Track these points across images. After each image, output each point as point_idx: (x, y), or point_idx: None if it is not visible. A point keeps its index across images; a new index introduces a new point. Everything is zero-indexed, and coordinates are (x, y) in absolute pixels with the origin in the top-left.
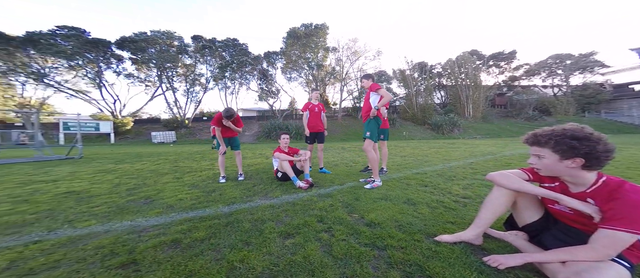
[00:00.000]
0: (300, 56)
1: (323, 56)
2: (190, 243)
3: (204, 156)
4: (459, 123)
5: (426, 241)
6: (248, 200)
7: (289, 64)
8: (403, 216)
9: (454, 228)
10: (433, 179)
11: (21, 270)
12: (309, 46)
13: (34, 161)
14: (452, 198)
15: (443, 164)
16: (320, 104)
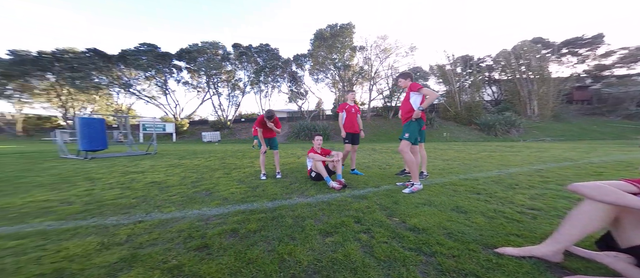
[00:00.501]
0: (327, 57)
1: (350, 56)
2: (245, 234)
3: (244, 154)
4: (517, 123)
5: (484, 252)
6: (287, 197)
7: (315, 66)
8: (452, 224)
9: (520, 241)
10: (488, 186)
11: (134, 244)
12: (334, 46)
13: (127, 156)
14: (516, 208)
15: (499, 171)
16: (356, 106)
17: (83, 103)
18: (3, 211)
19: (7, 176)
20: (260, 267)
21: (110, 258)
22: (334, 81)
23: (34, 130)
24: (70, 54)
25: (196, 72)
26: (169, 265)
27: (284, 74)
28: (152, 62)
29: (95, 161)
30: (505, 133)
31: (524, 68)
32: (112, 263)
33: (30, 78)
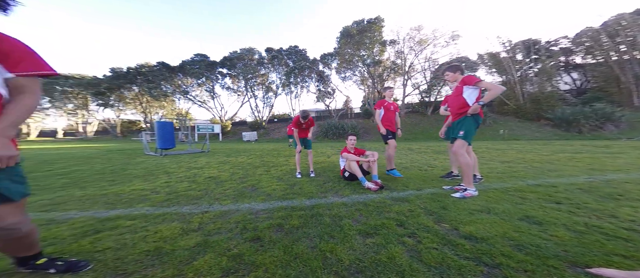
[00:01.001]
0: (354, 54)
1: (380, 51)
2: (289, 229)
3: (279, 152)
4: (616, 116)
5: (570, 270)
6: (323, 196)
7: (342, 64)
8: (522, 236)
9: (628, 263)
10: (573, 195)
11: (204, 231)
12: (362, 43)
13: (187, 153)
14: (621, 224)
15: (589, 176)
16: (395, 104)
17: (156, 109)
18: (119, 196)
19: (115, 168)
20: (305, 262)
21: (190, 242)
22: (363, 78)
23: (126, 131)
24: (146, 68)
25: (236, 77)
26: (232, 253)
27: (312, 74)
28: (203, 71)
29: (168, 158)
30: (595, 129)
31: (625, 47)
32: (191, 246)
33: (123, 90)
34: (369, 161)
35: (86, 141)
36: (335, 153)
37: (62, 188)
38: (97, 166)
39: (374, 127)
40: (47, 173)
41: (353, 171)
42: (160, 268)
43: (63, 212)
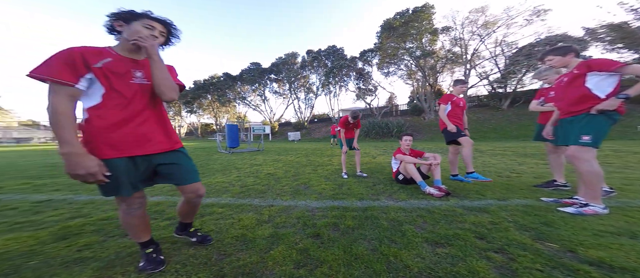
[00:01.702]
0: (398, 47)
1: (430, 41)
2: (345, 230)
3: (322, 152)
4: None
5: None
6: (375, 199)
7: (385, 59)
8: None
9: None
10: None
11: (273, 223)
12: (408, 34)
13: (247, 152)
14: None
15: None
16: (464, 100)
17: (223, 113)
18: (209, 187)
19: (202, 163)
20: (368, 264)
21: (265, 232)
22: (410, 72)
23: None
24: (215, 79)
25: (281, 81)
26: (299, 247)
27: (351, 72)
28: (255, 77)
29: (234, 155)
30: None
31: None
32: (266, 237)
33: (201, 98)
34: (429, 164)
35: None
36: (381, 154)
37: None
38: None
39: (424, 125)
40: None
41: (410, 175)
42: (248, 253)
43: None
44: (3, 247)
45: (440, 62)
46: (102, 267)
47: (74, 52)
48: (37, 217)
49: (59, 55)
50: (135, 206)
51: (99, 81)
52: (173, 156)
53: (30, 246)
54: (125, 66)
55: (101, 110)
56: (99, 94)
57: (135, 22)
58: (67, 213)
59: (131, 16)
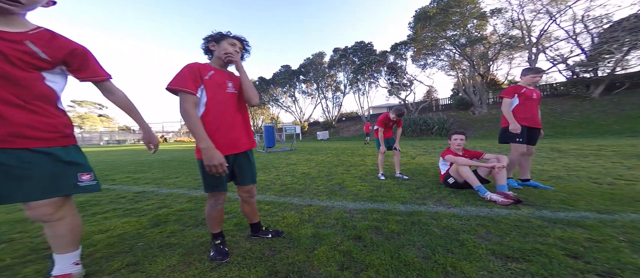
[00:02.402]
0: (437, 36)
1: (478, 26)
2: (389, 234)
3: (353, 152)
4: None
5: None
6: (421, 203)
7: (421, 51)
8: None
9: None
10: None
11: (314, 223)
12: (448, 21)
13: (281, 151)
14: None
15: None
16: (538, 91)
17: (259, 115)
18: (262, 183)
19: None
20: (420, 272)
21: (307, 231)
22: (453, 63)
23: None
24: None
25: (309, 81)
26: (342, 248)
27: (381, 67)
28: (286, 79)
29: (271, 155)
30: None
31: None
32: (309, 236)
33: None
34: (491, 166)
35: None
36: (421, 154)
37: None
38: None
39: (474, 121)
40: None
41: (464, 178)
42: (294, 251)
43: (232, 192)
44: (121, 229)
45: (493, 48)
46: (184, 253)
47: (194, 67)
48: (138, 205)
49: (186, 70)
50: (220, 201)
51: (206, 91)
52: (248, 156)
53: (137, 229)
54: (222, 78)
55: (208, 117)
56: (204, 102)
57: (223, 41)
58: (156, 203)
59: (220, 37)
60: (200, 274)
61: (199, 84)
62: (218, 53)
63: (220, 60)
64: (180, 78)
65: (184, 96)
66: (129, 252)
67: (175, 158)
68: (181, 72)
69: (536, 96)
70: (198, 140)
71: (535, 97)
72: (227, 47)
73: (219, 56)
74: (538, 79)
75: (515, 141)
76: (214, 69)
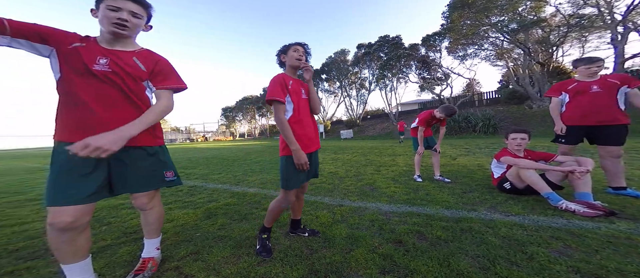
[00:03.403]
0: (479, 23)
1: (534, 7)
2: (435, 240)
3: (380, 151)
4: None
5: None
6: (471, 209)
7: (458, 41)
8: None
9: None
10: None
11: (348, 224)
12: (492, 6)
13: None
14: None
15: None
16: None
17: None
18: None
19: (275, 160)
20: None
21: (342, 232)
22: (500, 51)
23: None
24: None
25: (332, 80)
26: (381, 251)
27: (411, 61)
28: None
29: None
30: None
31: None
32: (344, 237)
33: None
34: (570, 171)
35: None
36: (462, 154)
37: (260, 172)
38: (266, 158)
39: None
40: (251, 161)
41: (527, 183)
42: (331, 251)
43: (268, 190)
44: (182, 219)
45: (558, 31)
46: (234, 246)
47: (281, 78)
48: (192, 199)
49: (277, 82)
50: (291, 199)
51: (291, 98)
52: (317, 155)
53: (194, 221)
54: (298, 86)
55: (292, 120)
56: (290, 108)
57: (288, 50)
58: (206, 197)
59: (286, 47)
60: (249, 267)
61: (286, 93)
62: (289, 62)
63: (292, 69)
64: (274, 91)
65: (278, 105)
66: (190, 241)
67: (216, 155)
68: (273, 84)
69: (600, 87)
70: (289, 143)
71: (596, 89)
72: (293, 55)
73: (290, 65)
74: (595, 69)
75: (559, 142)
76: (292, 78)
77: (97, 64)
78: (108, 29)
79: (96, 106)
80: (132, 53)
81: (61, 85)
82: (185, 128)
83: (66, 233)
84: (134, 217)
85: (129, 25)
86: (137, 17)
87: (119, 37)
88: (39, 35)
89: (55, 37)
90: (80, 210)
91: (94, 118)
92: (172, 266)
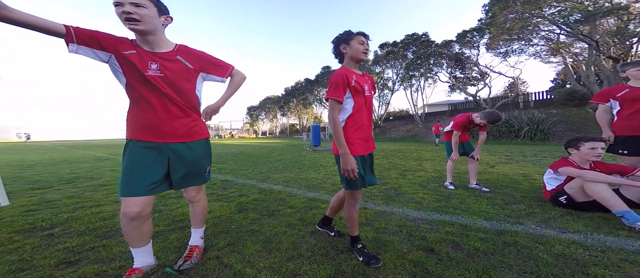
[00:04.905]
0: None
1: None
2: (472, 252)
3: (405, 154)
4: None
5: None
6: (515, 222)
7: (500, 36)
8: None
9: None
10: None
11: (373, 227)
12: None
13: (325, 150)
14: None
15: None
16: None
17: (305, 115)
18: (307, 181)
19: (294, 159)
20: None
21: (368, 235)
22: (556, 47)
23: (291, 132)
24: (299, 85)
25: None
26: (411, 258)
27: (442, 60)
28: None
29: (317, 153)
30: None
31: None
32: (370, 240)
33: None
34: None
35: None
36: (502, 161)
37: (283, 170)
38: (288, 156)
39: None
40: (274, 159)
41: (599, 199)
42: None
43: (291, 188)
44: (218, 211)
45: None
46: (265, 240)
47: (343, 75)
48: (225, 192)
49: (339, 79)
50: (359, 201)
51: (352, 96)
52: (373, 157)
53: (228, 214)
54: (362, 81)
55: (351, 119)
56: (350, 106)
57: (352, 41)
58: (236, 191)
59: (348, 36)
60: (280, 262)
61: (346, 91)
62: (352, 53)
63: (354, 61)
64: (335, 89)
65: (334, 104)
66: (226, 232)
67: (242, 152)
68: (335, 82)
69: None
70: (339, 145)
71: None
72: (359, 47)
73: (352, 56)
74: None
75: (619, 153)
76: (354, 73)
77: (150, 69)
78: (126, 26)
79: (157, 107)
80: (174, 52)
81: (128, 89)
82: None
83: (134, 221)
84: (179, 207)
85: (136, 17)
86: (140, 5)
87: (140, 34)
88: (98, 42)
89: (112, 43)
90: (145, 200)
91: (157, 118)
92: (213, 255)
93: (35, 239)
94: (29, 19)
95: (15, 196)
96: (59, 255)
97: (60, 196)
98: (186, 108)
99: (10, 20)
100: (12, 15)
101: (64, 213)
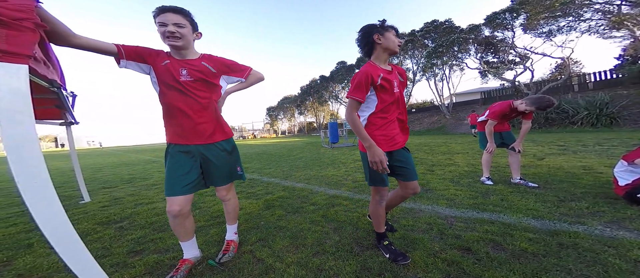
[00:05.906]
0: None
1: None
2: (516, 252)
3: (431, 148)
4: None
5: None
6: (574, 221)
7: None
8: None
9: None
10: None
11: (400, 224)
12: None
13: (345, 147)
14: None
15: None
16: None
17: (321, 112)
18: (327, 178)
19: (314, 157)
20: None
21: (396, 233)
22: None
23: (308, 130)
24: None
25: None
26: (444, 257)
27: (469, 46)
28: (343, 75)
29: (336, 150)
30: None
31: None
32: (397, 237)
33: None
34: None
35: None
36: (553, 153)
37: (304, 168)
38: (307, 154)
39: None
40: (294, 158)
41: None
42: None
43: (313, 185)
44: (248, 208)
45: None
46: (292, 236)
47: (369, 74)
48: (253, 190)
49: (363, 79)
50: (385, 197)
51: (376, 95)
52: (406, 155)
53: (257, 210)
54: (391, 78)
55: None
56: (373, 105)
57: (387, 33)
58: (263, 189)
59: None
60: (306, 257)
61: (368, 91)
62: (386, 44)
63: (386, 53)
64: (356, 89)
65: (353, 103)
66: (257, 228)
67: (264, 152)
68: (358, 81)
69: None
70: (363, 140)
71: None
72: (394, 39)
73: (387, 47)
74: None
75: None
76: (382, 70)
77: (182, 75)
78: (166, 42)
79: (188, 111)
80: (200, 59)
81: (161, 97)
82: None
83: (177, 218)
84: (216, 204)
85: (178, 35)
86: (181, 26)
87: (177, 48)
88: (141, 56)
89: (151, 56)
90: (183, 200)
91: (189, 122)
92: (247, 249)
93: (111, 230)
94: (91, 42)
95: (93, 194)
96: (128, 245)
97: (124, 194)
98: (212, 110)
99: (76, 45)
100: (79, 41)
101: (129, 209)
